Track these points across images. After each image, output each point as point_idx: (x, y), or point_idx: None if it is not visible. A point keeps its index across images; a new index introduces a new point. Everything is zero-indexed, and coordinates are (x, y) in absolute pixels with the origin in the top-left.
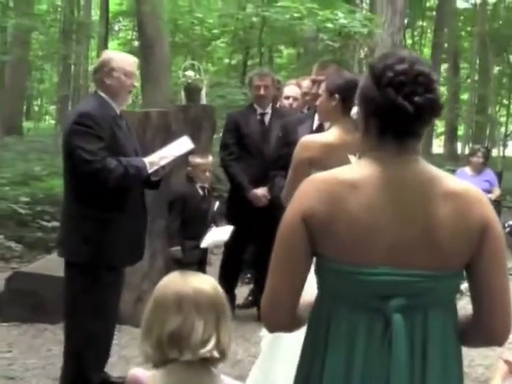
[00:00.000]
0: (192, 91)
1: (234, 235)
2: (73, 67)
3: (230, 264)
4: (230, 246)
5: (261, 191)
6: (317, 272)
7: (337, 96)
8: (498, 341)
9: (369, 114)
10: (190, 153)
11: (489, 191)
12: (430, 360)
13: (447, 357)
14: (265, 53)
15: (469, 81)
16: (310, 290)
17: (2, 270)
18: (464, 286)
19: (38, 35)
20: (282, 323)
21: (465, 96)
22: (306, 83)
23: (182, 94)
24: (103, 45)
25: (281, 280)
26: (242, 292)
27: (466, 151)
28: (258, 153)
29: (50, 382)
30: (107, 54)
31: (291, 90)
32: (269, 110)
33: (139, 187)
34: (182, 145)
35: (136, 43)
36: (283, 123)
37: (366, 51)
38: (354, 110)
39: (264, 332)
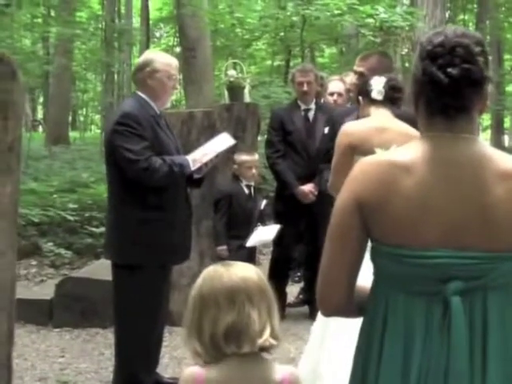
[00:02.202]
0: (235, 90)
1: (282, 234)
2: (116, 75)
3: (280, 263)
4: (279, 245)
5: (308, 187)
6: (372, 257)
7: (360, 98)
8: None
9: (416, 92)
10: (235, 150)
11: None
12: (490, 343)
13: (508, 340)
14: (307, 53)
15: None
16: (367, 276)
17: (53, 277)
18: None
19: (81, 44)
20: (338, 304)
21: (510, 88)
22: (349, 79)
23: (226, 93)
24: (145, 51)
25: (336, 261)
26: (293, 291)
27: None
28: (304, 149)
29: None
30: (149, 55)
31: (335, 85)
32: (312, 106)
33: (183, 185)
34: (223, 141)
35: (178, 49)
36: (330, 117)
37: (408, 46)
38: (373, 92)
39: (313, 326)
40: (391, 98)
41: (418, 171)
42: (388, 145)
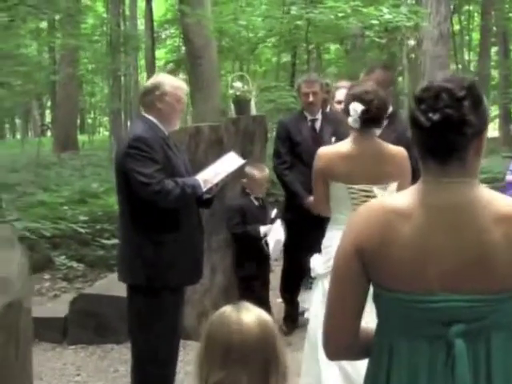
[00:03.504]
0: (241, 103)
1: (294, 243)
2: (123, 78)
3: (291, 274)
4: (290, 254)
5: None
6: (374, 301)
7: (343, 108)
8: None
9: (412, 136)
10: (245, 164)
11: None
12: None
13: None
14: (312, 50)
15: None
16: (372, 316)
17: (66, 291)
18: None
19: (86, 52)
20: (344, 347)
21: None
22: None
23: (232, 106)
24: (151, 55)
25: (339, 306)
26: (307, 298)
27: None
28: (311, 159)
29: None
30: (158, 78)
31: (343, 93)
32: (319, 116)
33: (194, 206)
34: (232, 161)
35: (183, 49)
36: (337, 132)
37: (413, 44)
38: (349, 119)
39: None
40: (370, 121)
41: (416, 218)
42: (355, 175)
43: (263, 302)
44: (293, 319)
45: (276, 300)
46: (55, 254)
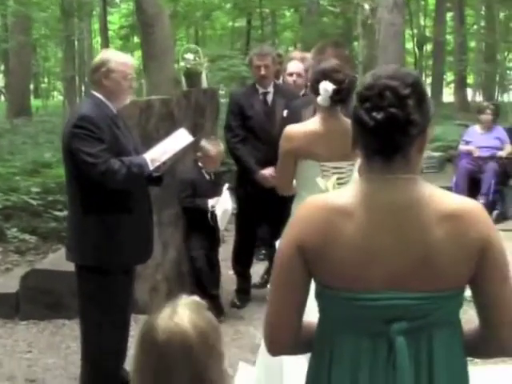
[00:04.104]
0: (192, 76)
1: (245, 216)
2: (76, 43)
3: (243, 246)
4: (242, 228)
5: (268, 171)
6: (316, 298)
7: (308, 84)
8: (509, 353)
9: (353, 131)
10: (195, 141)
11: (500, 148)
12: (436, 381)
13: (454, 375)
14: (267, 16)
15: (475, 27)
16: (314, 311)
17: (19, 264)
18: (468, 293)
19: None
20: (286, 343)
21: (472, 43)
22: (310, 57)
23: (183, 79)
24: (104, 20)
25: (281, 303)
26: (258, 269)
27: (477, 99)
28: (263, 133)
29: (70, 382)
30: (105, 54)
31: (295, 66)
32: (271, 89)
33: (143, 185)
34: (182, 138)
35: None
36: (289, 106)
37: (368, 9)
38: (319, 98)
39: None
40: (339, 101)
41: (358, 216)
42: (329, 153)
43: (211, 279)
44: (245, 292)
45: (228, 272)
46: (7, 226)
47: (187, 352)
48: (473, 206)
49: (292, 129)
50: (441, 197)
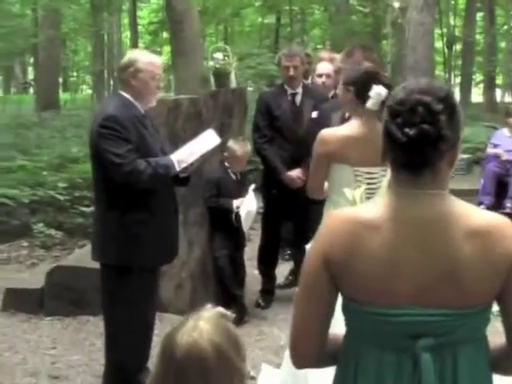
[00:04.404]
0: (221, 76)
1: (270, 216)
2: (106, 37)
3: (268, 245)
4: (267, 227)
5: (295, 173)
6: (343, 311)
7: (351, 88)
8: None
9: (383, 144)
10: (224, 141)
11: None
12: None
13: None
14: (296, 13)
15: (505, 27)
16: (341, 324)
17: (44, 259)
18: (495, 308)
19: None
20: (311, 356)
21: (502, 44)
22: (339, 57)
23: (212, 79)
24: (133, 15)
25: (307, 315)
26: (282, 270)
27: (506, 99)
28: (291, 134)
29: (93, 379)
30: (133, 54)
31: (324, 67)
32: (299, 90)
33: (169, 186)
34: (209, 139)
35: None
36: (318, 107)
37: (398, 7)
38: (370, 102)
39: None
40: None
41: (385, 230)
42: (363, 158)
43: (234, 279)
44: (269, 292)
45: (253, 271)
46: (33, 221)
47: (203, 368)
48: (501, 222)
49: (327, 132)
50: (469, 212)
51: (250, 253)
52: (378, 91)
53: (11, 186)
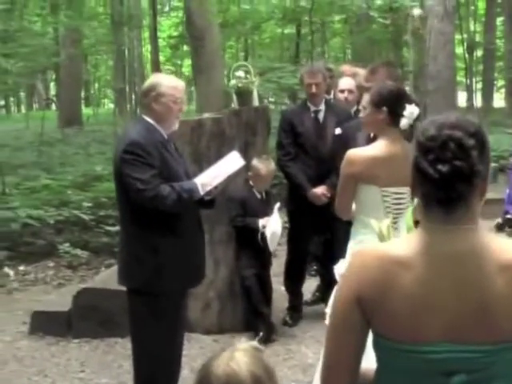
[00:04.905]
0: (243, 94)
1: (296, 233)
2: (127, 51)
3: (295, 262)
4: (293, 244)
5: (320, 190)
6: (374, 348)
7: (384, 109)
8: None
9: (413, 179)
10: (249, 160)
11: None
12: None
13: None
14: (316, 23)
15: None
16: (371, 355)
17: (71, 279)
18: None
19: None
20: None
21: None
22: (361, 72)
23: (234, 98)
24: (153, 30)
25: (338, 350)
26: (309, 286)
27: None
28: (314, 150)
29: None
30: (155, 78)
31: (346, 82)
32: (322, 107)
33: (194, 209)
34: (233, 162)
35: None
36: (342, 125)
37: (418, 21)
38: (404, 121)
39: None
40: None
41: (417, 267)
42: (393, 173)
43: (262, 298)
44: (297, 310)
45: (280, 288)
46: (59, 241)
47: None
48: None
49: (353, 153)
50: (501, 246)
51: (277, 269)
52: (411, 110)
53: (36, 207)
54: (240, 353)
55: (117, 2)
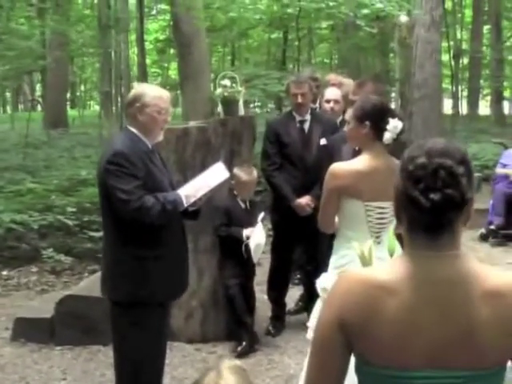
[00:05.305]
0: (230, 103)
1: (280, 242)
2: (113, 54)
3: (278, 272)
4: (277, 254)
5: (305, 200)
6: (356, 371)
7: (367, 123)
8: None
9: (398, 204)
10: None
11: None
12: None
13: None
14: (303, 29)
15: None
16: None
17: (54, 285)
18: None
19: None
20: None
21: (510, 57)
22: (347, 82)
23: (220, 106)
24: (140, 34)
25: (319, 374)
26: (292, 295)
27: None
28: (300, 161)
29: None
30: (139, 88)
31: (332, 92)
32: (308, 117)
33: (178, 220)
34: (218, 173)
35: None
36: (327, 135)
37: (405, 30)
38: (387, 136)
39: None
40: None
41: (402, 293)
42: (376, 188)
43: (245, 307)
44: (280, 320)
45: (263, 297)
46: (43, 246)
47: None
48: None
49: (338, 167)
50: (486, 273)
51: (260, 277)
52: (394, 125)
53: (20, 211)
54: (226, 370)
55: (104, 5)
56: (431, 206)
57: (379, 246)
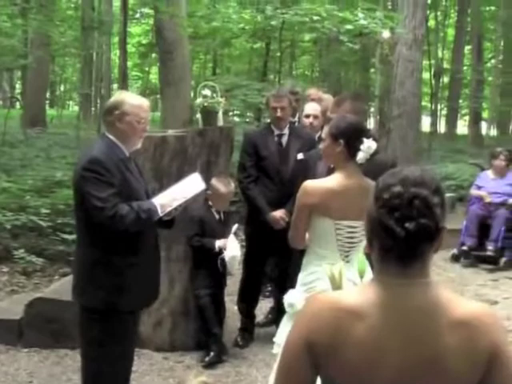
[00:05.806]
0: (209, 114)
1: (252, 255)
2: (95, 55)
3: (250, 284)
4: (249, 266)
5: (279, 213)
6: None
7: (341, 141)
8: None
9: (370, 232)
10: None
11: None
12: None
13: None
14: (285, 41)
15: (493, 61)
16: None
17: (24, 286)
18: None
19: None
20: None
21: (490, 78)
22: (327, 97)
23: (199, 116)
24: (123, 37)
25: None
26: (262, 307)
27: (491, 132)
28: (276, 174)
29: None
30: (119, 96)
31: (311, 107)
32: (286, 131)
33: (152, 229)
34: (194, 184)
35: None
36: (303, 151)
37: (387, 48)
38: (361, 155)
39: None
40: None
41: (369, 318)
42: (347, 207)
43: (215, 318)
44: (249, 332)
45: (234, 307)
46: (14, 246)
47: None
48: (485, 314)
49: (310, 184)
50: (454, 302)
51: (230, 287)
52: (368, 145)
53: None
54: None
55: (88, 7)
56: (406, 236)
57: (348, 264)
